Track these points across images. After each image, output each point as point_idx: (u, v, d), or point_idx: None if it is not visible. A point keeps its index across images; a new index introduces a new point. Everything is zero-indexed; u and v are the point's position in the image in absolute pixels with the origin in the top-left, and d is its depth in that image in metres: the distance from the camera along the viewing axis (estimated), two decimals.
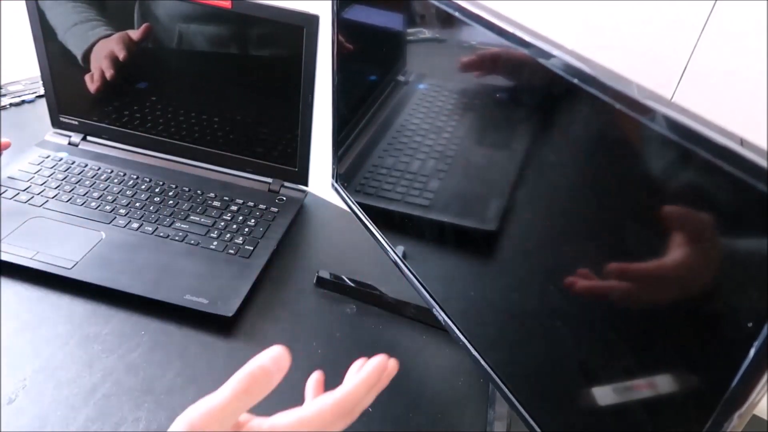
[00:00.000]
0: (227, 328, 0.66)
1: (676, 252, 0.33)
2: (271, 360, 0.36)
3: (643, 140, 0.34)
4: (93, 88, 0.85)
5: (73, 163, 0.85)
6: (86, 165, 0.85)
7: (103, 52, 0.82)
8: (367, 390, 0.41)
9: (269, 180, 0.87)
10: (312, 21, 0.73)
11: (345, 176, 0.75)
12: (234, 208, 0.82)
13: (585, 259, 0.40)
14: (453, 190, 0.55)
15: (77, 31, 0.81)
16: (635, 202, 0.36)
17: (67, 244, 0.71)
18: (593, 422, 0.42)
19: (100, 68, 0.83)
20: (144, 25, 0.79)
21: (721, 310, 0.31)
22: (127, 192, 0.81)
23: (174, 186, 0.84)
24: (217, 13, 0.76)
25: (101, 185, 0.82)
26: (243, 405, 0.35)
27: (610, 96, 0.35)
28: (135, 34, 0.80)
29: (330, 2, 0.65)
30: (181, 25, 0.79)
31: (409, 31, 0.56)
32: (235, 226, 0.78)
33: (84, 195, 0.79)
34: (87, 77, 0.85)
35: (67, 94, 0.87)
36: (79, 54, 0.83)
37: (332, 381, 0.63)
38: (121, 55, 0.81)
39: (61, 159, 0.85)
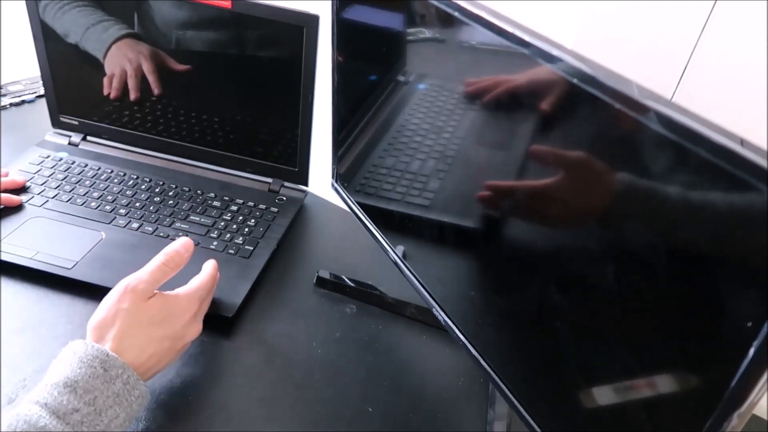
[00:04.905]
0: (227, 328, 0.66)
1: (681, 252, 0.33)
2: (182, 245, 0.59)
3: (643, 140, 0.34)
4: (112, 95, 0.84)
5: (73, 163, 0.85)
6: (86, 165, 0.85)
7: (128, 62, 0.81)
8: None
9: (269, 180, 0.87)
10: (312, 21, 0.73)
11: (345, 176, 0.75)
12: (234, 208, 0.82)
13: (585, 258, 0.40)
14: (453, 190, 0.55)
15: (92, 35, 0.81)
16: (635, 202, 0.36)
17: (67, 244, 0.71)
18: (593, 422, 0.43)
19: (121, 78, 0.82)
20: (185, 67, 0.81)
21: (720, 310, 0.31)
22: (127, 192, 0.81)
23: (174, 186, 0.84)
24: (217, 13, 0.76)
25: (101, 185, 0.82)
26: (163, 275, 0.56)
27: (610, 96, 0.35)
28: (174, 64, 0.81)
29: (330, 2, 0.65)
30: (181, 26, 0.79)
31: (409, 31, 0.56)
32: (235, 226, 0.78)
33: (84, 195, 0.79)
34: (106, 81, 0.84)
35: (67, 94, 0.87)
36: (100, 57, 0.82)
37: (332, 380, 0.63)
38: (151, 77, 0.81)
39: (61, 159, 0.85)
